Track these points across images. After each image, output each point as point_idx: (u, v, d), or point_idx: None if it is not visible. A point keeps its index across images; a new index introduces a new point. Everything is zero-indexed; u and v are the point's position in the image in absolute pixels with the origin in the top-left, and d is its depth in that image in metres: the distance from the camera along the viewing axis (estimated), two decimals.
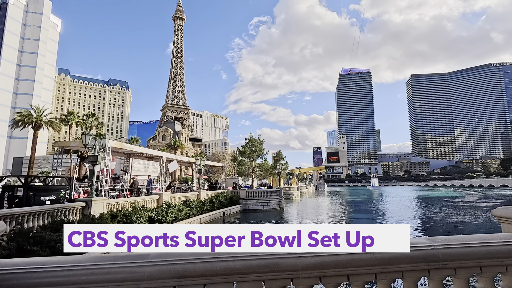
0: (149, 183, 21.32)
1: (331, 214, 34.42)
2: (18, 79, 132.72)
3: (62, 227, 7.55)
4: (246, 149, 41.06)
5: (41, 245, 8.58)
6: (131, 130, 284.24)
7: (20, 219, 9.08)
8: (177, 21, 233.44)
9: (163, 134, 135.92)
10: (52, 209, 10.66)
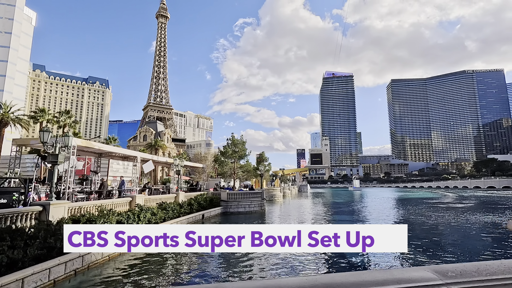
0: (121, 184, 20.00)
1: (313, 216, 34.11)
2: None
3: (7, 236, 6.33)
4: (228, 149, 40.15)
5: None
6: (111, 129, 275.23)
7: None
8: (160, 19, 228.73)
9: (144, 134, 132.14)
10: (2, 214, 9.40)
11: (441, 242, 18.16)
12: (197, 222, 25.24)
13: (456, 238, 19.82)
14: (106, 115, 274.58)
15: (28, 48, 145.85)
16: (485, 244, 17.30)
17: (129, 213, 16.04)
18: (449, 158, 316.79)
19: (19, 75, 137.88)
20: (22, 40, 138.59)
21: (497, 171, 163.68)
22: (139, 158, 20.56)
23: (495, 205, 45.08)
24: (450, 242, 18.36)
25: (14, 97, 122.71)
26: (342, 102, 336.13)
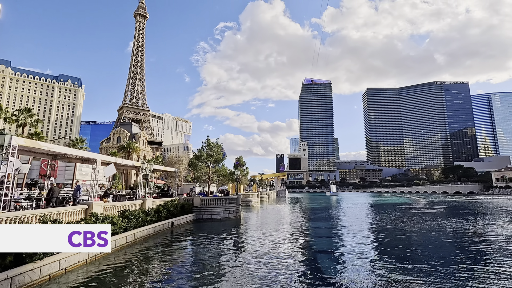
0: (77, 190, 17.87)
1: (291, 223, 33.19)
2: None
3: None
4: (203, 153, 38.46)
5: None
6: (83, 130, 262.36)
7: None
8: (138, 18, 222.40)
9: (118, 136, 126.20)
10: None
11: (414, 252, 17.74)
12: (166, 231, 23.40)
13: (427, 247, 19.53)
14: (78, 116, 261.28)
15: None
16: (455, 253, 17.06)
17: (81, 223, 14.12)
18: (420, 165, 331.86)
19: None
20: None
21: (463, 177, 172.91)
22: (99, 160, 18.54)
23: (462, 211, 46.62)
24: (421, 252, 17.96)
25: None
26: (321, 109, 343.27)
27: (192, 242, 20.58)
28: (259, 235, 23.77)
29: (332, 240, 22.12)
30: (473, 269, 13.49)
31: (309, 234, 25.27)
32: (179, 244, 19.72)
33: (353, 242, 20.57)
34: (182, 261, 15.42)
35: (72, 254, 12.38)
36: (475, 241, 20.59)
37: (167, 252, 17.12)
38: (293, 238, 22.33)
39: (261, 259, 15.52)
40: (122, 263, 14.18)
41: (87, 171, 40.02)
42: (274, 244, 19.57)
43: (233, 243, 20.51)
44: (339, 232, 25.85)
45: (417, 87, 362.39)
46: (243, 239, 22.14)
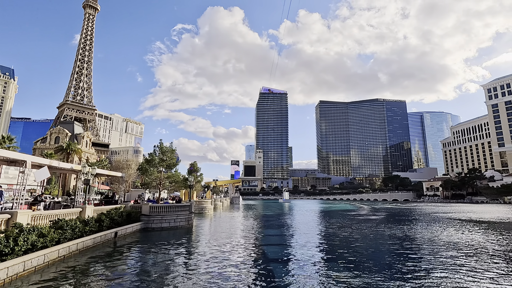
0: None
1: (244, 230, 32.81)
2: None
3: None
4: (154, 157, 36.26)
5: None
6: (14, 128, 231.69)
7: None
8: (88, 9, 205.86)
9: (57, 136, 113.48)
10: None
11: (361, 256, 18.71)
12: (108, 242, 21.21)
13: (372, 252, 20.77)
14: (8, 110, 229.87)
15: None
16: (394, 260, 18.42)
17: (1, 236, 12.00)
18: (364, 174, 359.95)
19: None
20: None
21: (400, 186, 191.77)
22: (29, 162, 16.06)
23: (400, 217, 51.27)
24: (367, 256, 19.03)
25: None
26: (276, 118, 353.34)
27: (137, 254, 18.95)
28: (211, 244, 22.94)
29: (283, 248, 22.29)
30: (413, 271, 14.60)
31: (262, 242, 25.21)
32: (122, 257, 17.97)
33: (303, 249, 20.97)
34: (125, 276, 13.92)
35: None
36: (413, 245, 22.53)
37: (108, 266, 15.39)
38: (246, 247, 22.00)
39: (212, 269, 14.87)
40: (51, 281, 12.28)
41: (15, 174, 34.99)
42: (226, 253, 19.00)
43: (184, 253, 19.42)
44: (291, 240, 26.25)
45: (363, 103, 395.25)
46: (194, 249, 21.13)
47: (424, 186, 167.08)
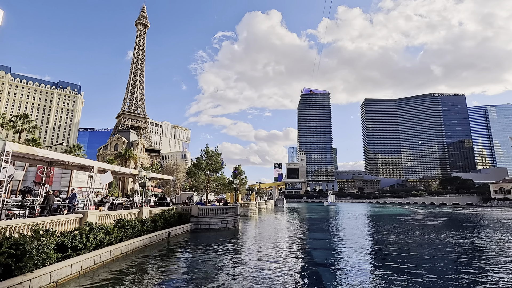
0: (72, 198, 17.43)
1: (289, 233, 32.61)
2: None
3: None
4: (201, 161, 38.05)
5: None
6: (81, 137, 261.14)
7: None
8: (140, 27, 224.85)
9: (116, 143, 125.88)
10: None
11: (416, 265, 17.29)
12: (162, 241, 22.79)
13: (430, 261, 19.07)
14: (76, 122, 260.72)
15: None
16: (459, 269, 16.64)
17: (75, 233, 13.67)
18: (417, 175, 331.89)
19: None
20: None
21: (461, 189, 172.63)
22: (95, 168, 18.18)
23: (464, 223, 46.17)
24: (424, 265, 17.52)
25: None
26: (319, 118, 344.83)
27: (189, 253, 20.02)
28: (257, 245, 23.24)
29: (330, 252, 21.63)
30: (477, 283, 13.09)
31: (307, 245, 24.78)
32: (176, 255, 19.17)
33: (351, 254, 20.11)
34: (179, 273, 14.88)
35: (64, 266, 11.89)
36: (480, 256, 20.18)
37: (164, 264, 16.57)
38: (291, 250, 21.83)
39: (258, 270, 15.07)
40: (116, 275, 13.65)
41: (84, 178, 39.38)
42: (272, 256, 19.09)
43: (232, 254, 19.98)
44: (337, 244, 25.34)
45: (414, 99, 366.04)
46: (241, 250, 21.60)
47: (491, 189, 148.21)
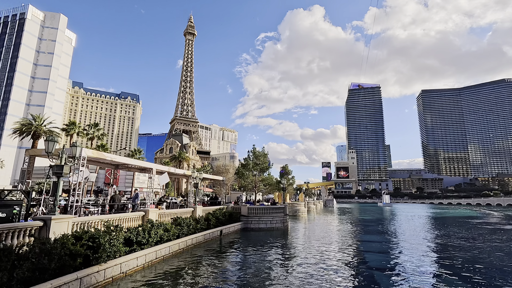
0: (135, 197, 19.27)
1: (341, 235, 31.43)
2: (32, 90, 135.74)
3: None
4: (249, 162, 38.84)
5: None
6: (141, 142, 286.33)
7: None
8: (188, 36, 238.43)
9: (170, 147, 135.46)
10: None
11: (484, 276, 15.20)
12: (215, 239, 23.83)
13: (504, 273, 16.63)
14: (136, 129, 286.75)
15: (67, 67, 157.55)
16: None
17: (139, 229, 15.05)
18: (490, 173, 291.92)
19: (59, 92, 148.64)
20: (62, 59, 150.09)
21: None
22: (154, 170, 19.85)
23: None
24: (494, 278, 15.33)
25: (53, 111, 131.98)
26: (369, 114, 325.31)
27: (240, 251, 20.57)
28: (307, 246, 22.86)
29: (387, 256, 20.23)
30: None
31: (361, 248, 23.56)
32: (228, 253, 19.88)
33: (411, 259, 18.53)
34: (231, 270, 15.43)
35: (132, 258, 13.18)
36: None
37: (217, 260, 17.33)
38: (344, 251, 20.98)
39: (309, 271, 14.83)
40: (175, 268, 14.70)
41: (144, 179, 43.00)
42: (324, 257, 18.59)
43: (282, 254, 19.99)
44: (396, 247, 23.58)
45: (483, 86, 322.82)
46: (291, 251, 21.48)
47: None
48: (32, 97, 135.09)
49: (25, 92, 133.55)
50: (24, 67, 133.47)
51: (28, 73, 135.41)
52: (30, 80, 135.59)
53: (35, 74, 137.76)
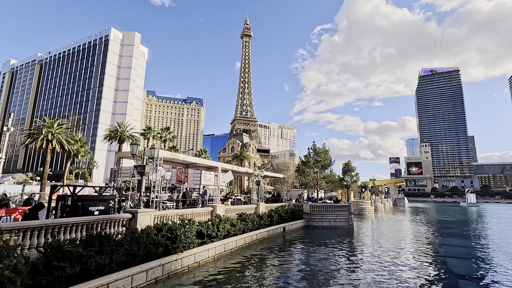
0: (204, 194, 20.87)
1: (415, 236, 28.67)
2: (115, 101, 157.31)
3: (96, 241, 6.50)
4: (310, 159, 38.21)
5: (70, 261, 8.05)
6: (205, 143, 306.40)
7: (56, 231, 8.89)
8: (245, 38, 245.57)
9: (232, 146, 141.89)
10: (95, 221, 10.41)
11: None
12: (278, 236, 24.21)
13: None
14: (201, 130, 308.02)
15: (142, 78, 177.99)
16: None
17: (209, 223, 16.24)
18: None
19: (136, 101, 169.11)
20: (138, 72, 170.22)
21: None
22: (219, 168, 21.19)
23: None
24: None
25: (133, 119, 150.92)
26: (446, 102, 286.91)
27: (304, 249, 20.50)
28: (377, 248, 21.49)
29: (474, 263, 17.63)
30: None
31: (440, 252, 21.09)
32: (291, 249, 20.02)
33: (504, 266, 15.85)
34: (295, 266, 15.53)
35: (203, 250, 14.36)
36: None
37: (282, 256, 17.63)
38: (419, 254, 19.09)
39: (379, 273, 13.93)
40: (242, 261, 15.48)
41: (210, 177, 45.97)
42: (395, 259, 17.23)
43: (347, 252, 19.25)
44: (485, 253, 20.41)
45: None
46: (358, 250, 20.51)
47: None
48: (116, 107, 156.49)
49: (111, 103, 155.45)
50: (109, 81, 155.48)
51: (112, 86, 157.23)
52: (114, 92, 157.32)
53: (117, 87, 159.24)
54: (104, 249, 9.28)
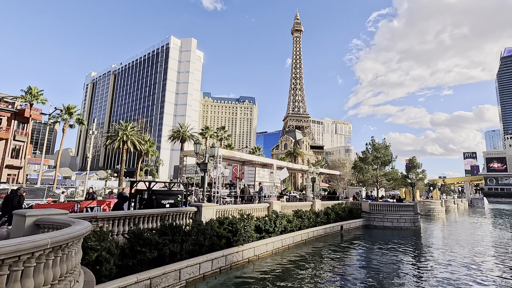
0: (261, 190, 21.47)
1: (496, 242, 25.08)
2: (176, 104, 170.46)
3: (169, 231, 7.52)
4: (368, 155, 36.12)
5: (149, 247, 9.22)
6: (258, 140, 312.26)
7: (137, 220, 10.23)
8: (295, 33, 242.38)
9: (285, 143, 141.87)
10: (167, 212, 11.67)
11: None
12: (336, 234, 23.65)
13: None
14: (254, 128, 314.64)
15: (199, 81, 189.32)
16: None
17: (266, 219, 16.74)
18: None
19: (194, 103, 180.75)
20: (195, 75, 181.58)
21: None
22: (275, 165, 21.56)
23: None
24: None
25: (192, 119, 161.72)
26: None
27: (363, 248, 19.68)
28: (448, 253, 19.44)
29: None
30: None
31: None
32: (350, 248, 19.41)
33: None
34: (354, 267, 15.05)
35: (262, 244, 14.90)
36: None
37: (340, 254, 17.24)
38: (502, 263, 16.67)
39: (451, 281, 12.62)
40: (298, 257, 15.64)
41: (264, 174, 46.80)
42: (472, 269, 15.37)
43: (411, 257, 17.85)
44: None
45: None
46: (425, 256, 18.83)
47: None
48: (177, 109, 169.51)
49: (172, 106, 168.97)
50: (170, 86, 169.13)
51: (173, 90, 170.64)
52: (175, 96, 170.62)
53: (177, 90, 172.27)
54: (176, 238, 10.37)
